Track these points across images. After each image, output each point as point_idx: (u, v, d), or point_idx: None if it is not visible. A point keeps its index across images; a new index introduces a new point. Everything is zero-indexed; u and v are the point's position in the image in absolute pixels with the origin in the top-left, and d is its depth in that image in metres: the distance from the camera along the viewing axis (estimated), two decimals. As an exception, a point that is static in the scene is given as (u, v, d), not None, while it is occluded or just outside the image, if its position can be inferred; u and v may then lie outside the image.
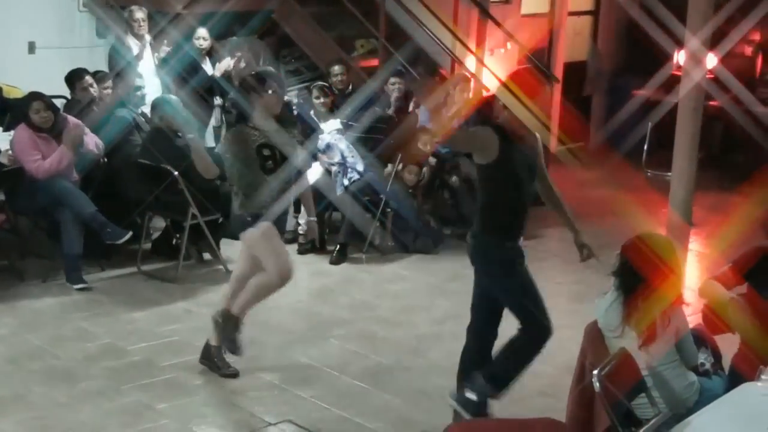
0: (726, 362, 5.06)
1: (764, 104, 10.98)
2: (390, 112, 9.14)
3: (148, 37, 9.16)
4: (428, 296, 7.64)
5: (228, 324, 6.06)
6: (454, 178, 8.98)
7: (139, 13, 9.10)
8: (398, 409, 5.77)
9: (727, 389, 4.53)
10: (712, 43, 7.16)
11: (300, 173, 6.22)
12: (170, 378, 6.03)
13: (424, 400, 5.89)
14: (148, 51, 9.10)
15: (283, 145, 6.01)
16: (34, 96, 7.58)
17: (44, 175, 7.38)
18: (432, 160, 8.94)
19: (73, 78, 8.26)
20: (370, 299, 7.36)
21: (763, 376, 4.29)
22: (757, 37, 11.84)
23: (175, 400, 5.73)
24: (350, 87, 9.29)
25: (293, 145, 6.12)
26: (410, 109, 9.45)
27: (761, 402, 4.11)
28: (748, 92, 10.24)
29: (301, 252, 8.43)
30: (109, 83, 8.46)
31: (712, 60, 7.48)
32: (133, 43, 9.07)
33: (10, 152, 7.56)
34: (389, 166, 8.73)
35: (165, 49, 9.17)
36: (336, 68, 9.31)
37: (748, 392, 4.24)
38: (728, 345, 5.11)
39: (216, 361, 6.12)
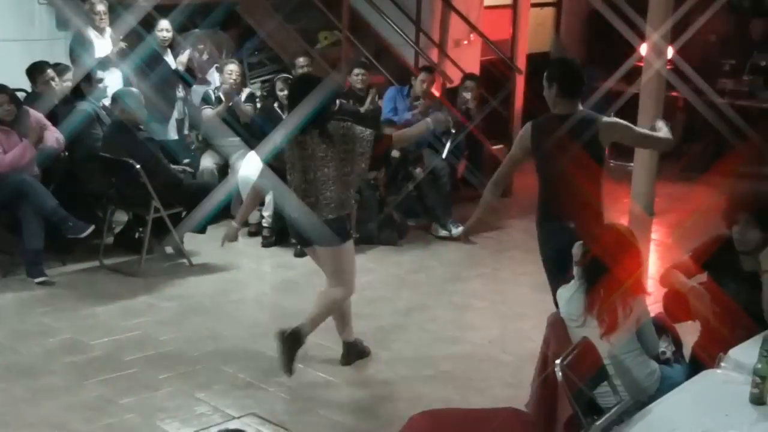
0: (687, 350, 5.11)
1: (724, 95, 11.07)
2: (364, 108, 9.16)
3: (109, 30, 9.07)
4: (393, 288, 7.64)
5: (295, 343, 5.83)
6: (418, 170, 8.99)
7: (100, 6, 9.01)
8: (363, 401, 5.77)
9: (688, 377, 4.57)
10: (673, 35, 7.20)
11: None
12: (133, 372, 5.99)
13: (389, 391, 5.90)
14: (108, 43, 9.02)
15: None
16: None
17: (5, 169, 7.30)
18: (396, 153, 8.94)
19: (35, 71, 8.18)
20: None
21: (722, 364, 4.33)
22: (717, 28, 11.93)
23: (139, 395, 5.70)
24: (314, 79, 9.26)
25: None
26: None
27: (721, 389, 4.16)
28: (708, 84, 10.31)
29: (265, 245, 8.41)
30: (70, 76, 8.38)
31: (672, 52, 7.52)
32: (93, 35, 8.98)
33: None
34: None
35: (122, 44, 9.08)
36: (301, 60, 9.32)
37: (708, 379, 4.28)
38: (689, 333, 5.17)
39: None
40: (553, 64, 5.90)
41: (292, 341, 5.80)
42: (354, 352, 6.24)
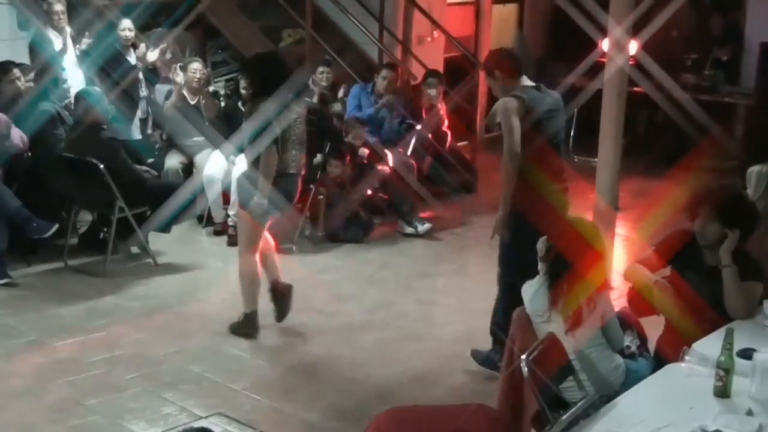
0: (651, 344, 5.15)
1: (686, 90, 11.16)
2: (338, 106, 9.17)
3: (68, 29, 9.00)
4: (360, 285, 7.64)
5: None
6: (384, 168, 8.99)
7: (58, 5, 8.94)
8: (330, 398, 5.77)
9: (653, 371, 4.62)
10: (635, 30, 7.25)
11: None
12: (98, 374, 5.95)
13: (356, 389, 5.91)
14: (69, 43, 8.95)
15: None
16: None
17: (-33, 169, 7.24)
18: (364, 152, 8.94)
19: (0, 71, 8.09)
20: (301, 289, 7.33)
21: (686, 357, 4.38)
22: (679, 23, 12.03)
23: (104, 396, 5.67)
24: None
25: None
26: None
27: (685, 382, 4.20)
28: (670, 78, 10.39)
29: (230, 244, 8.37)
30: (31, 76, 8.31)
31: (634, 46, 7.57)
32: (53, 35, 8.91)
33: None
34: (318, 156, 8.72)
35: (86, 41, 9.01)
36: None
37: (673, 373, 4.33)
38: (653, 327, 5.21)
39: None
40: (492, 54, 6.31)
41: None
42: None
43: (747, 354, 4.15)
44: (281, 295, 6.67)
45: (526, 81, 5.97)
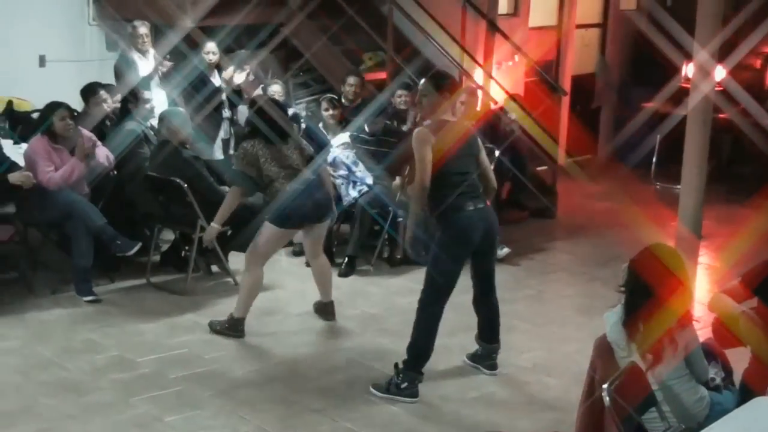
0: (737, 377, 5.04)
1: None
2: (405, 127, 9.17)
3: (152, 51, 9.18)
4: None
5: None
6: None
7: (143, 29, 9.13)
8: (407, 423, 5.75)
9: (738, 404, 4.51)
10: (721, 56, 7.15)
11: None
12: (179, 390, 6.03)
13: (431, 413, 5.89)
14: (152, 64, 9.12)
15: None
16: (59, 104, 7.60)
17: (55, 186, 7.39)
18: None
19: (88, 93, 8.28)
20: (378, 312, 7.35)
21: (773, 391, 4.28)
22: (766, 49, 11.84)
23: (184, 413, 5.73)
24: (359, 100, 9.32)
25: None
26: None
27: (772, 416, 4.11)
28: (756, 104, 10.23)
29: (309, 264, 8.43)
30: (118, 97, 8.48)
31: (720, 72, 7.48)
32: (137, 57, 9.10)
33: (26, 172, 7.48)
34: (397, 178, 8.73)
35: (168, 64, 9.18)
36: (351, 79, 9.39)
37: (759, 407, 4.22)
38: (739, 359, 5.09)
39: None
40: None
41: None
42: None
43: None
44: (326, 312, 7.24)
45: None
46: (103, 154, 7.83)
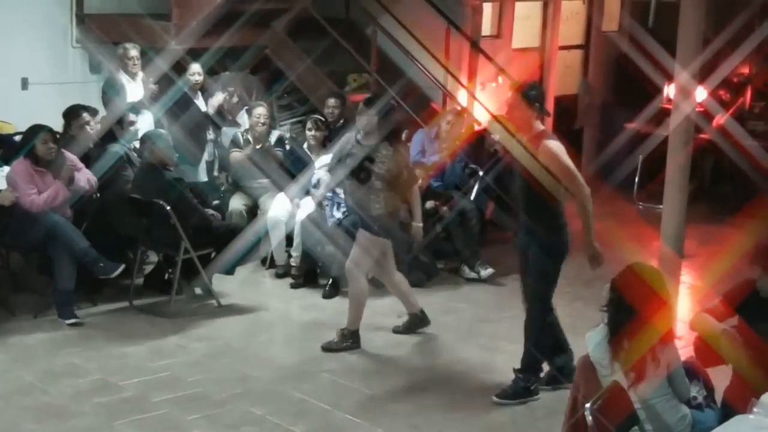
0: (718, 395, 5.06)
1: (753, 137, 11.04)
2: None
3: (141, 74, 9.19)
4: (421, 330, 7.61)
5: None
6: (445, 209, 8.98)
7: (134, 51, 9.14)
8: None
9: (720, 422, 4.53)
10: (702, 77, 7.22)
11: None
12: (162, 414, 6.00)
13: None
14: (140, 87, 9.12)
15: None
16: (41, 126, 7.58)
17: (38, 209, 7.37)
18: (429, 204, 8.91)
19: (70, 115, 8.26)
20: (362, 333, 7.35)
21: (755, 409, 4.29)
22: (745, 70, 11.93)
23: (167, 436, 5.71)
24: (342, 121, 9.33)
25: None
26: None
27: (754, 434, 4.12)
28: (737, 125, 10.30)
29: (294, 286, 8.42)
30: (99, 119, 8.46)
31: (701, 93, 7.53)
32: (125, 79, 9.10)
33: (9, 190, 7.47)
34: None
35: (153, 87, 9.18)
36: (331, 101, 9.38)
37: (741, 425, 4.24)
38: (720, 378, 5.12)
39: None
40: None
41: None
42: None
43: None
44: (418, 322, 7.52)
45: None
46: (84, 178, 7.81)
